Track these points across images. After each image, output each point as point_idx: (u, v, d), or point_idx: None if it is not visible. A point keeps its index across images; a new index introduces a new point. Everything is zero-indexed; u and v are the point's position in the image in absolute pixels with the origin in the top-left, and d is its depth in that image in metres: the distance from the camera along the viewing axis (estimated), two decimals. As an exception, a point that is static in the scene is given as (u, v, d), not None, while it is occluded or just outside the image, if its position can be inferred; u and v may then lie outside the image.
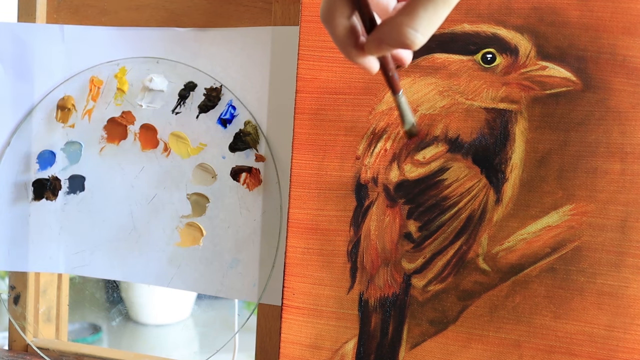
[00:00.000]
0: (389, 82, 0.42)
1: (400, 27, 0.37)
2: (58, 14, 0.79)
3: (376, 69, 0.42)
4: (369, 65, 0.41)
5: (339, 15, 0.39)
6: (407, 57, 0.44)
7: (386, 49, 0.39)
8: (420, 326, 0.59)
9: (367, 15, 0.39)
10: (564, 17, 0.56)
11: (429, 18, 0.37)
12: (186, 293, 1.47)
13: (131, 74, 0.75)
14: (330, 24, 0.39)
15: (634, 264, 0.54)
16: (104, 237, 0.76)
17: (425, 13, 0.36)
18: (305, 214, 0.62)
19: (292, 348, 0.63)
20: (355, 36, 0.40)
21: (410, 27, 0.37)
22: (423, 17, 0.37)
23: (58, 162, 0.77)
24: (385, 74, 0.42)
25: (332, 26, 0.39)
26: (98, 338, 1.57)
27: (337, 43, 0.40)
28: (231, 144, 0.72)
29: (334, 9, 0.39)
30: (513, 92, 0.57)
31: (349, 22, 0.39)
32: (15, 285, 0.81)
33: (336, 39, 0.40)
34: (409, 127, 0.44)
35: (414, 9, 0.37)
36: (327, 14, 0.39)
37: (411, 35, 0.37)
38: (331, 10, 0.39)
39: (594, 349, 0.55)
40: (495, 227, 0.57)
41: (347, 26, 0.39)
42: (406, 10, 0.37)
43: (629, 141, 0.54)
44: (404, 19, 0.37)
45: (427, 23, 0.37)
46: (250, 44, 0.71)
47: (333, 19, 0.39)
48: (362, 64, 0.41)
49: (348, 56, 0.41)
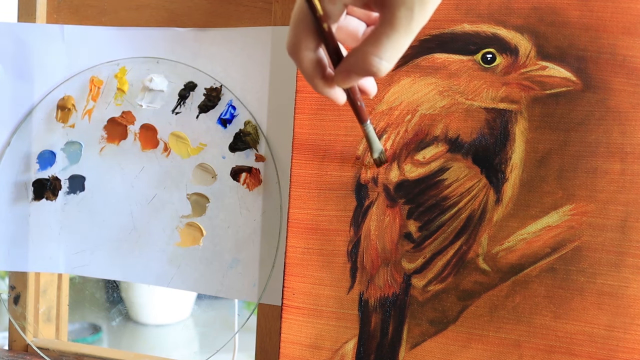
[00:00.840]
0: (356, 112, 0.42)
1: (366, 56, 0.38)
2: (58, 14, 0.79)
3: (343, 100, 0.43)
4: (336, 97, 0.42)
5: (304, 48, 0.39)
6: (372, 88, 0.46)
7: (354, 78, 0.40)
8: (420, 326, 0.59)
9: (332, 47, 0.39)
10: (564, 17, 0.56)
11: (393, 46, 0.38)
12: (186, 293, 1.47)
13: (131, 74, 0.75)
14: (297, 56, 0.40)
15: (634, 264, 0.54)
16: (104, 237, 0.76)
17: (389, 42, 0.38)
18: (305, 214, 0.62)
19: (292, 348, 0.63)
20: (322, 68, 0.40)
21: (375, 56, 0.38)
22: (387, 46, 0.38)
23: (58, 162, 0.77)
24: (352, 105, 0.42)
25: (299, 59, 0.40)
26: (98, 338, 1.57)
27: (305, 75, 0.41)
28: (231, 144, 0.72)
29: (300, 42, 0.39)
30: (513, 92, 0.57)
31: (315, 54, 0.40)
32: (15, 285, 0.81)
33: (303, 72, 0.41)
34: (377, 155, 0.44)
35: (378, 38, 0.38)
36: (293, 47, 0.40)
37: (377, 63, 0.38)
38: (297, 43, 0.39)
39: (594, 349, 0.55)
40: (495, 227, 0.57)
41: (314, 59, 0.40)
42: (371, 40, 0.38)
43: (629, 141, 0.54)
44: (370, 48, 0.38)
45: (391, 51, 0.38)
46: (250, 44, 0.71)
47: (299, 51, 0.40)
48: (329, 95, 0.42)
49: (316, 88, 0.41)
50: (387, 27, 0.37)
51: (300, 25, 0.39)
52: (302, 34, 0.39)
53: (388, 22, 0.37)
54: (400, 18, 0.37)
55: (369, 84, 0.45)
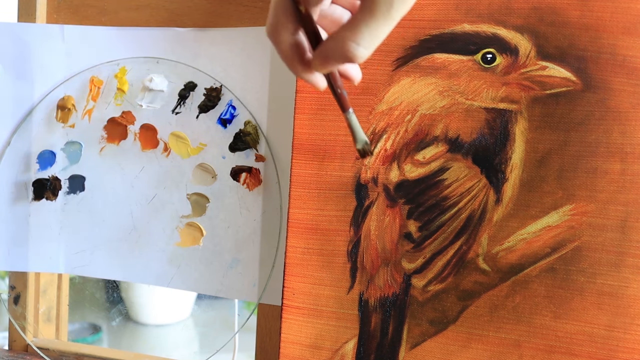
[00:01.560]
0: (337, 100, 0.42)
1: (344, 41, 0.38)
2: (58, 14, 0.79)
3: (323, 86, 0.42)
4: (316, 82, 0.42)
5: (283, 31, 0.39)
6: (356, 74, 0.45)
7: (332, 64, 0.39)
8: (420, 326, 0.59)
9: (311, 31, 0.39)
10: (564, 17, 0.56)
11: (371, 32, 0.38)
12: (186, 293, 1.47)
13: (131, 74, 0.75)
14: (276, 39, 0.40)
15: (634, 264, 0.54)
16: (104, 237, 0.76)
17: (367, 28, 0.37)
18: (305, 214, 0.62)
19: (292, 348, 0.63)
20: (300, 52, 0.40)
21: (352, 42, 0.38)
22: (365, 32, 0.38)
23: (58, 162, 0.77)
24: (333, 91, 0.42)
25: (278, 42, 0.40)
26: (98, 338, 1.57)
27: (283, 58, 0.41)
28: (231, 144, 0.72)
29: (279, 24, 0.39)
30: (513, 92, 0.57)
31: (294, 37, 0.40)
32: (15, 285, 0.81)
33: (282, 55, 0.40)
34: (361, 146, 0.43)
35: (356, 24, 0.38)
36: (272, 29, 0.40)
37: (354, 49, 0.38)
38: (276, 25, 0.39)
39: (594, 349, 0.55)
40: (495, 227, 0.57)
41: (292, 42, 0.40)
42: (349, 25, 0.38)
43: (629, 141, 0.54)
44: (347, 34, 0.38)
45: (369, 37, 0.38)
46: (250, 44, 0.71)
47: (278, 34, 0.39)
48: (308, 80, 0.41)
49: (294, 72, 0.41)
50: (366, 13, 0.37)
51: (279, 7, 0.39)
52: (281, 16, 0.39)
53: (367, 8, 0.37)
54: (380, 4, 0.37)
55: (352, 70, 0.44)
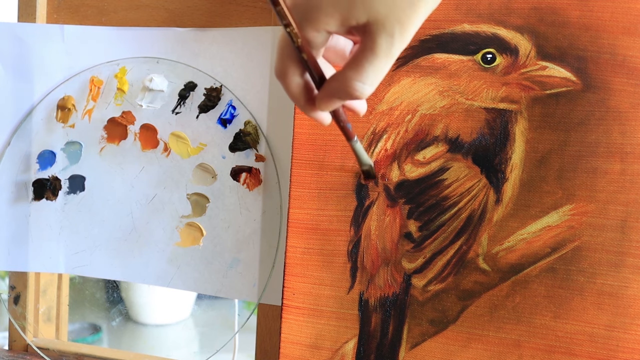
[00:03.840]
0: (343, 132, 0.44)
1: (348, 81, 0.39)
2: (58, 14, 0.79)
3: (328, 122, 0.44)
4: (321, 119, 0.44)
5: (291, 75, 0.41)
6: (362, 108, 0.46)
7: (336, 103, 0.41)
8: (420, 326, 0.59)
9: (316, 74, 0.41)
10: (564, 17, 0.56)
11: (375, 71, 0.39)
12: (186, 293, 1.47)
13: (131, 74, 0.75)
14: (284, 81, 0.41)
15: (634, 264, 0.54)
16: (104, 237, 0.76)
17: (370, 67, 0.39)
18: (305, 214, 0.62)
19: (292, 348, 0.63)
20: (308, 91, 0.42)
21: (357, 81, 0.39)
22: (369, 71, 0.39)
23: (58, 162, 0.77)
24: (338, 125, 0.44)
25: (286, 84, 0.41)
26: (98, 338, 1.57)
27: (292, 99, 0.42)
28: (231, 144, 0.72)
29: (286, 68, 0.40)
30: (513, 92, 0.57)
31: (302, 79, 0.41)
32: (15, 285, 0.81)
33: (290, 95, 0.42)
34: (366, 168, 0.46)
35: (360, 64, 0.39)
36: (280, 73, 0.41)
37: (360, 88, 0.39)
38: (283, 69, 0.41)
39: (594, 349, 0.55)
40: (495, 227, 0.57)
41: (300, 83, 0.41)
42: (353, 65, 0.39)
43: (629, 141, 0.54)
44: (351, 74, 0.39)
45: (373, 75, 0.39)
46: (251, 44, 0.71)
47: (286, 77, 0.41)
48: (315, 117, 0.43)
49: (303, 110, 0.43)
50: (369, 53, 0.38)
51: (284, 52, 0.40)
52: (287, 60, 0.40)
53: (369, 48, 0.38)
54: (381, 44, 0.38)
55: (358, 104, 0.46)
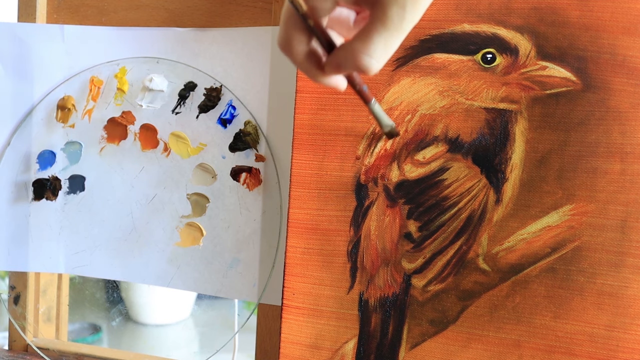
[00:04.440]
0: (359, 95, 0.42)
1: (356, 53, 0.37)
2: (58, 14, 0.79)
3: (344, 87, 0.42)
4: (336, 84, 0.42)
5: (296, 44, 0.39)
6: None
7: (344, 71, 0.39)
8: (420, 326, 0.59)
9: (323, 39, 0.39)
10: (564, 17, 0.56)
11: (384, 45, 0.37)
12: (186, 293, 1.47)
13: (131, 74, 0.75)
14: (290, 52, 0.40)
15: (634, 264, 0.54)
16: (104, 237, 0.76)
17: (379, 40, 0.37)
18: (305, 214, 0.62)
19: (292, 348, 0.63)
20: (317, 59, 0.40)
21: (365, 54, 0.37)
22: (377, 44, 0.37)
23: (58, 162, 0.77)
24: (353, 88, 0.42)
25: (292, 54, 0.40)
26: (98, 338, 1.57)
27: (300, 69, 0.41)
28: (231, 144, 0.72)
29: (290, 38, 0.39)
30: (513, 92, 0.57)
31: (308, 47, 0.39)
32: (15, 285, 0.81)
33: (298, 66, 0.40)
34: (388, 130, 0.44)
35: (368, 36, 0.37)
36: (285, 43, 0.39)
37: (366, 62, 0.37)
38: (288, 39, 0.39)
39: (594, 349, 0.55)
40: (495, 227, 0.57)
41: (307, 51, 0.39)
42: (361, 37, 0.37)
43: (629, 141, 0.54)
44: (359, 46, 0.37)
45: (381, 49, 0.37)
46: (250, 44, 0.71)
47: (291, 47, 0.39)
48: (328, 83, 0.41)
49: (314, 79, 0.41)
50: (378, 25, 0.37)
51: (288, 22, 0.39)
52: (291, 30, 0.39)
53: (379, 20, 0.37)
54: (392, 16, 0.36)
55: None
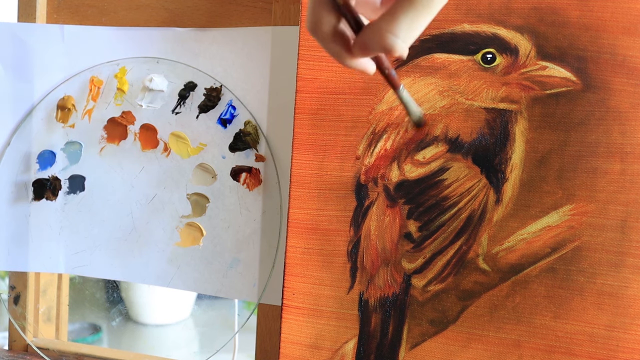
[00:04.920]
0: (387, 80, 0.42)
1: (382, 32, 0.37)
2: (58, 14, 0.79)
3: (373, 70, 0.41)
4: (365, 67, 0.41)
5: (325, 25, 0.39)
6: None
7: (371, 52, 0.39)
8: (420, 326, 0.59)
9: (352, 19, 0.39)
10: (564, 17, 0.56)
11: (410, 24, 0.36)
12: (186, 293, 1.47)
13: (131, 74, 0.75)
14: (318, 34, 0.39)
15: (634, 264, 0.54)
16: (104, 237, 0.76)
17: (405, 19, 0.36)
18: (305, 214, 0.62)
19: (292, 348, 0.63)
20: (345, 41, 0.39)
21: (391, 33, 0.36)
22: (403, 23, 0.36)
23: (58, 162, 0.77)
24: (382, 73, 0.41)
25: (320, 36, 0.39)
26: (98, 338, 1.57)
27: (329, 51, 0.40)
28: (231, 144, 0.72)
29: (319, 19, 0.38)
30: (513, 92, 0.57)
31: (337, 29, 0.39)
32: (15, 285, 0.81)
33: (327, 48, 0.40)
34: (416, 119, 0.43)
35: (394, 15, 0.36)
36: (313, 25, 0.39)
37: (391, 41, 0.37)
38: (317, 21, 0.39)
39: (594, 349, 0.55)
40: (495, 227, 0.57)
41: (335, 34, 0.39)
42: (387, 16, 0.37)
43: (629, 141, 0.54)
44: (384, 25, 0.37)
45: (407, 29, 0.37)
46: (250, 44, 0.71)
47: (319, 29, 0.39)
48: (357, 66, 0.41)
49: (342, 62, 0.40)
50: (406, 4, 0.36)
51: (318, 1, 0.38)
52: (320, 10, 0.38)
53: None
54: None
55: None
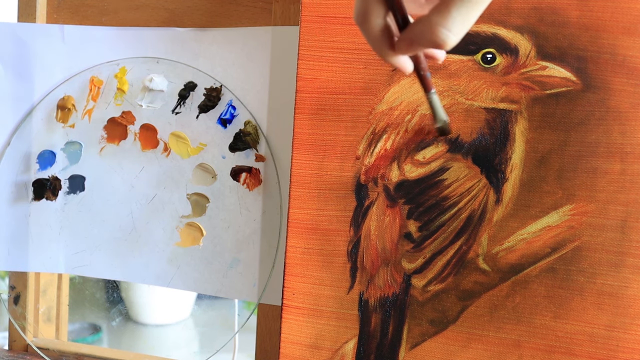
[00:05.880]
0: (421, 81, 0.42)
1: (433, 26, 0.37)
2: (58, 14, 0.79)
3: (410, 69, 0.41)
4: (403, 65, 0.41)
5: (373, 17, 0.39)
6: (441, 54, 0.44)
7: (417, 48, 0.39)
8: (420, 326, 0.59)
9: (401, 14, 0.38)
10: (564, 17, 0.56)
11: (463, 18, 0.36)
12: (186, 293, 1.47)
13: (131, 74, 0.75)
14: (365, 25, 0.39)
15: (634, 264, 0.54)
16: (104, 237, 0.76)
17: (458, 13, 0.36)
18: (305, 214, 0.62)
19: (292, 348, 0.63)
20: (389, 36, 0.39)
21: (443, 27, 0.36)
22: (456, 17, 0.36)
23: (58, 162, 0.77)
24: (417, 74, 0.41)
25: (367, 27, 0.39)
26: (98, 338, 1.57)
27: (372, 44, 0.40)
28: (231, 144, 0.72)
29: (369, 9, 0.38)
30: (513, 92, 0.57)
31: (384, 22, 0.39)
32: (15, 285, 0.81)
33: (371, 40, 0.40)
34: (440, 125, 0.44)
35: (447, 9, 0.36)
36: (362, 15, 0.39)
37: (444, 35, 0.37)
38: (366, 11, 0.39)
39: (594, 349, 0.55)
40: (495, 227, 0.57)
41: (382, 26, 0.39)
42: (439, 10, 0.37)
43: (629, 141, 0.54)
44: (437, 19, 0.36)
45: (460, 23, 0.37)
46: (250, 44, 0.71)
47: (368, 20, 0.39)
48: (396, 63, 0.41)
49: (382, 56, 0.40)
50: None
51: None
52: (371, 2, 0.38)
53: None
54: None
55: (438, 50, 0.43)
